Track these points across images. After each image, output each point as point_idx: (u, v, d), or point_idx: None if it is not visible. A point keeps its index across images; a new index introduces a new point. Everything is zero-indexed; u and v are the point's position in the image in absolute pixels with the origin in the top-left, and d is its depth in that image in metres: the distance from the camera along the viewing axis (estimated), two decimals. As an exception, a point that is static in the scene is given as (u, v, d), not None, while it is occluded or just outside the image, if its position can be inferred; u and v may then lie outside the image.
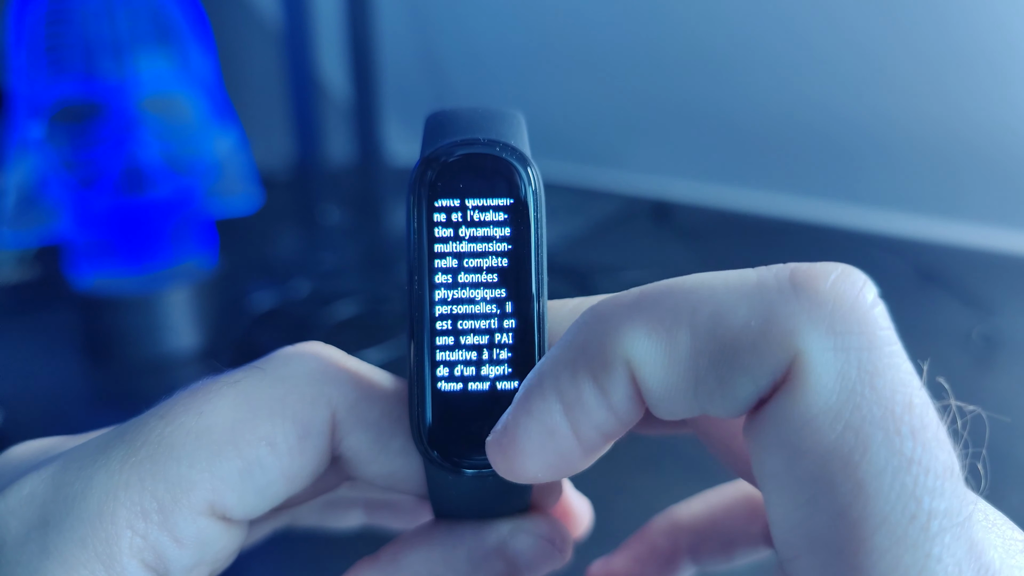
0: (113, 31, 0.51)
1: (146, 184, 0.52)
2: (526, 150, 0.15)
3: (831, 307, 0.12)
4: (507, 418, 0.14)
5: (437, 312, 0.15)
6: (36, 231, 0.51)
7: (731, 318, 0.12)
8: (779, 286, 0.12)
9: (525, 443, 0.13)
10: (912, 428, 0.11)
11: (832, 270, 0.12)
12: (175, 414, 0.15)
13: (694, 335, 0.12)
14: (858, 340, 0.12)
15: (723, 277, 0.13)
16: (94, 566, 0.13)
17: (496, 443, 0.14)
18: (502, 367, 0.15)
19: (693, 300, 0.13)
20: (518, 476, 0.14)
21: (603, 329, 0.13)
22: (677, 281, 0.13)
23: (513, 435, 0.13)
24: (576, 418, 0.13)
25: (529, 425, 0.13)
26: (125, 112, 0.51)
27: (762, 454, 0.12)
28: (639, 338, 0.13)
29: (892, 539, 0.11)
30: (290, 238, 0.82)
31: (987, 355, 0.52)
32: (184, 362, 0.53)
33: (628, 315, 0.13)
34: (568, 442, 0.13)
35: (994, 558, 0.12)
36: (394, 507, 0.22)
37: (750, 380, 0.12)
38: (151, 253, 0.54)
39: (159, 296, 0.53)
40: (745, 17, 0.76)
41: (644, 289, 0.13)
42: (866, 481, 0.11)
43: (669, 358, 0.13)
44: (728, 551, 0.20)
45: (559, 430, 0.13)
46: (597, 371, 0.13)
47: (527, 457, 0.13)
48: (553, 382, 0.13)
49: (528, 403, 0.13)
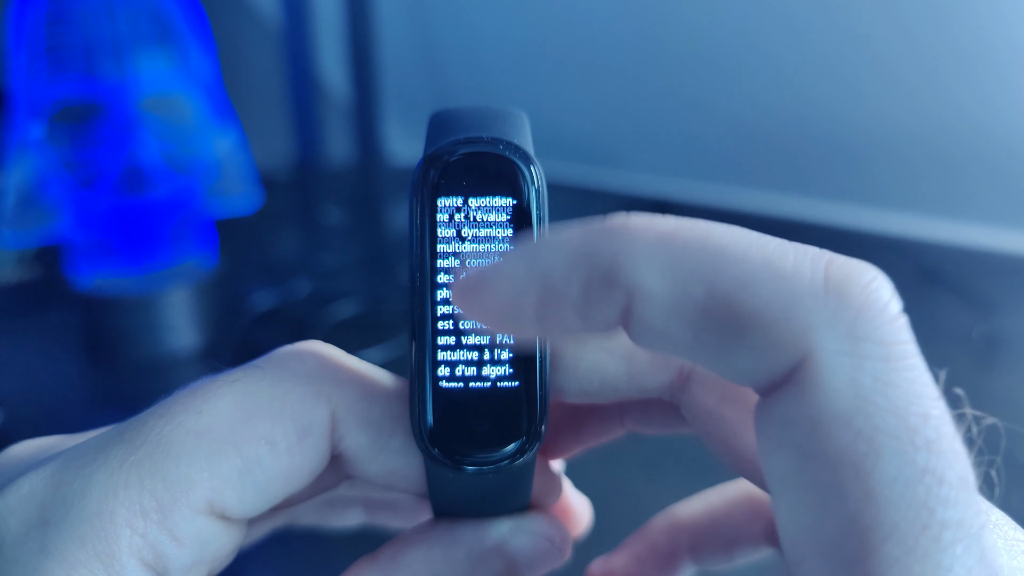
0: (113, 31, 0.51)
1: (146, 184, 0.52)
2: (529, 149, 0.15)
3: (856, 311, 0.12)
4: (487, 268, 0.14)
5: (439, 311, 0.15)
6: (36, 231, 0.51)
7: (754, 294, 0.12)
8: (812, 277, 0.12)
9: (489, 295, 0.13)
10: (927, 439, 0.11)
11: (868, 275, 0.12)
12: (174, 413, 0.15)
13: (710, 295, 0.12)
14: (876, 349, 0.12)
15: (761, 246, 0.12)
16: (93, 565, 0.13)
17: (466, 280, 0.14)
18: (503, 366, 0.15)
19: (724, 258, 0.12)
20: (467, 310, 0.14)
21: (622, 246, 0.12)
22: (715, 231, 0.12)
23: (482, 284, 0.13)
24: (546, 304, 0.13)
25: (500, 284, 0.13)
26: (125, 112, 0.51)
27: (772, 454, 0.12)
28: (654, 274, 0.12)
29: (903, 549, 0.11)
30: (290, 238, 0.82)
31: (988, 355, 0.52)
32: (184, 362, 0.53)
33: (653, 245, 0.12)
34: (527, 316, 0.13)
35: (1005, 567, 0.11)
36: (394, 506, 0.22)
37: (751, 358, 0.12)
38: (151, 253, 0.54)
39: (159, 296, 0.53)
40: (746, 17, 0.76)
41: (681, 225, 0.13)
42: (877, 490, 0.11)
43: (676, 305, 0.12)
44: (728, 550, 0.20)
45: (524, 304, 0.13)
46: (594, 280, 0.12)
47: (482, 307, 0.13)
48: (545, 264, 0.13)
49: (512, 266, 0.13)
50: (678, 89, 0.84)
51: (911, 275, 0.65)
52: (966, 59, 0.67)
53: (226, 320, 0.57)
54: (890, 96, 0.73)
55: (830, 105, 0.76)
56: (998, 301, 0.59)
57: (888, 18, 0.69)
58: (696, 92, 0.84)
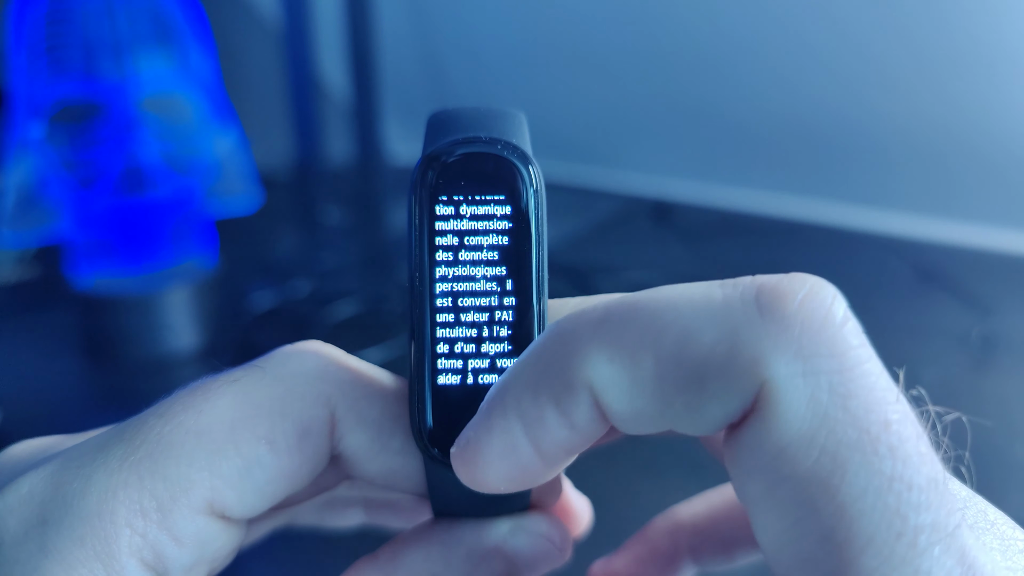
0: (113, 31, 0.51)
1: (146, 184, 0.52)
2: (528, 149, 0.15)
3: (798, 330, 0.12)
4: (469, 432, 0.14)
5: (438, 311, 0.15)
6: (36, 231, 0.51)
7: (697, 343, 0.12)
8: (744, 308, 0.12)
9: (487, 457, 0.13)
10: (890, 446, 0.11)
11: (799, 287, 0.12)
12: (174, 413, 0.15)
13: (658, 361, 0.12)
14: (828, 363, 0.11)
15: (688, 296, 0.12)
16: (93, 565, 0.13)
17: (460, 454, 0.14)
18: (503, 365, 0.15)
19: (658, 323, 0.12)
20: (481, 487, 0.14)
21: (566, 351, 0.13)
22: (643, 299, 0.13)
23: (476, 449, 0.13)
24: (537, 436, 0.13)
25: (491, 441, 0.13)
26: (125, 112, 0.51)
27: (742, 480, 0.12)
28: (602, 363, 0.12)
29: (880, 558, 0.11)
30: (290, 238, 0.82)
31: (986, 355, 0.52)
32: (184, 362, 0.53)
33: (591, 337, 0.13)
34: (530, 457, 0.13)
35: (986, 563, 0.11)
36: (393, 506, 0.22)
37: (718, 405, 0.12)
38: (151, 253, 0.54)
39: (159, 296, 0.53)
40: (744, 17, 0.76)
41: (609, 306, 0.13)
42: (847, 503, 0.11)
43: (633, 384, 0.12)
44: (729, 551, 0.20)
45: (520, 447, 0.13)
46: (559, 393, 0.13)
47: (489, 470, 0.13)
48: (514, 401, 0.13)
49: (489, 420, 0.13)
50: (678, 89, 0.84)
51: (909, 275, 0.65)
52: (965, 59, 0.67)
53: (226, 320, 0.57)
54: (889, 96, 0.73)
55: (830, 105, 0.76)
56: (997, 301, 0.59)
57: (887, 18, 0.69)
58: (696, 92, 0.84)
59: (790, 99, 0.78)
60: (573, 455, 0.14)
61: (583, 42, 0.87)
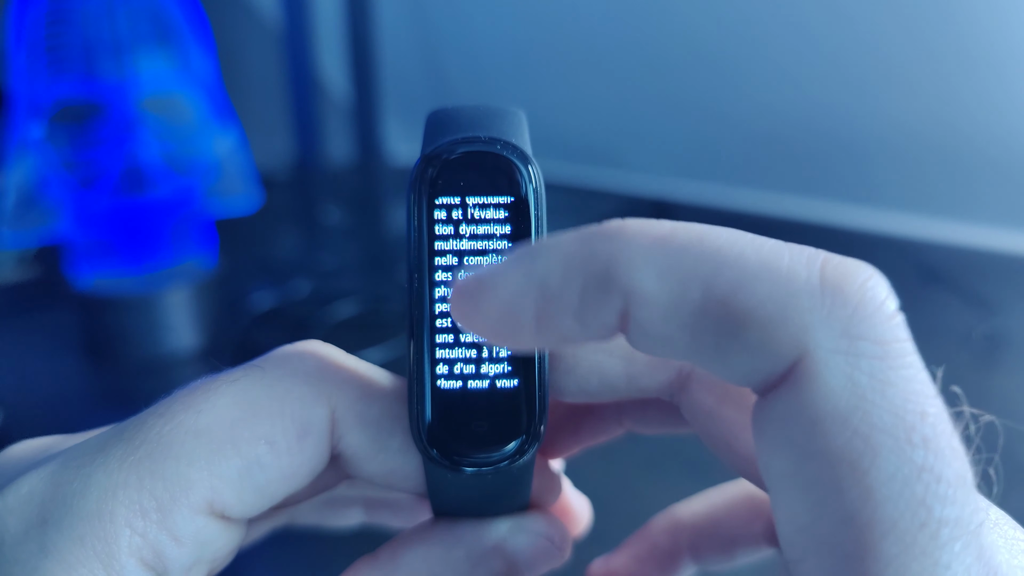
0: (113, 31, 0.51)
1: (146, 184, 0.52)
2: (527, 148, 0.15)
3: (852, 310, 0.12)
4: (485, 272, 0.13)
5: (437, 310, 0.15)
6: (36, 231, 0.51)
7: (750, 293, 0.12)
8: (808, 275, 0.12)
9: (488, 298, 0.13)
10: (924, 437, 0.11)
11: (864, 273, 0.12)
12: (174, 412, 0.14)
13: (707, 296, 0.12)
14: (872, 348, 0.12)
15: (756, 247, 0.12)
16: (93, 565, 0.13)
17: (463, 285, 0.13)
18: (501, 365, 0.15)
19: (720, 259, 0.12)
20: (465, 322, 0.13)
21: (618, 248, 0.12)
22: (713, 232, 0.12)
23: (480, 287, 0.13)
24: (545, 309, 0.13)
25: (499, 286, 0.13)
26: (125, 112, 0.51)
27: (769, 453, 0.12)
28: (650, 276, 0.12)
29: (901, 546, 0.11)
30: (290, 238, 0.82)
31: (989, 355, 0.52)
32: (184, 362, 0.53)
33: (650, 247, 0.12)
34: (526, 321, 0.13)
35: (1002, 562, 0.11)
36: (393, 506, 0.22)
37: (748, 358, 0.12)
38: (151, 253, 0.54)
39: (159, 296, 0.53)
40: (745, 16, 0.76)
41: (676, 228, 0.13)
42: (875, 488, 0.11)
43: (673, 307, 0.12)
44: (729, 550, 0.20)
45: (524, 307, 0.13)
46: (592, 285, 0.12)
47: (482, 309, 0.13)
48: (544, 267, 0.13)
49: (509, 269, 0.13)
50: (678, 89, 0.84)
51: (911, 275, 0.65)
52: (969, 58, 0.67)
53: (226, 320, 0.57)
54: (890, 96, 0.73)
55: (830, 105, 0.76)
56: (998, 301, 0.59)
57: (889, 18, 0.69)
58: (696, 92, 0.84)
59: (790, 99, 0.78)
60: (564, 346, 0.13)
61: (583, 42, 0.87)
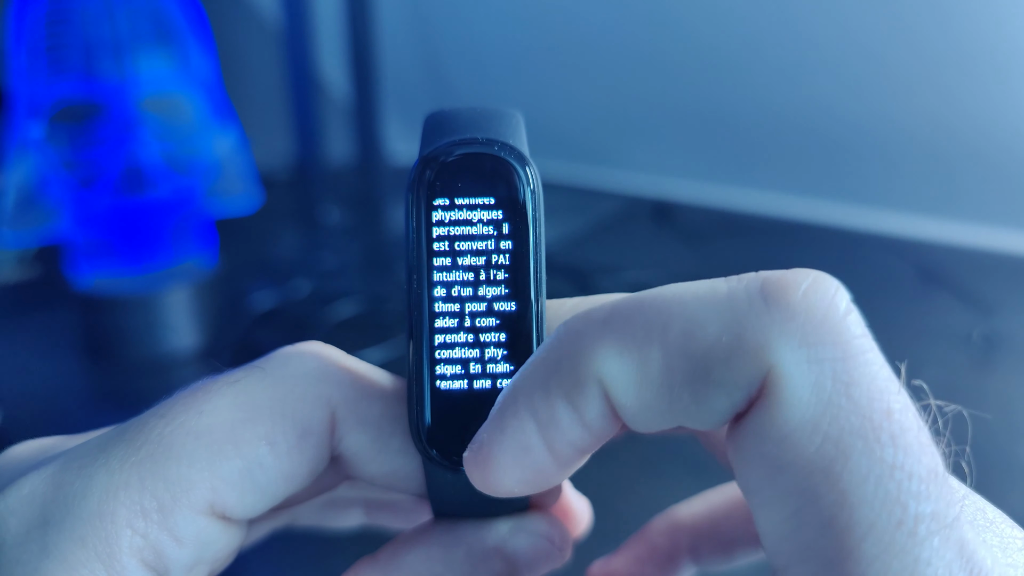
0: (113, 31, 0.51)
1: (146, 184, 0.52)
2: (524, 149, 0.15)
3: (803, 318, 0.12)
4: (482, 435, 0.14)
5: (437, 310, 0.15)
6: (36, 231, 0.51)
7: (702, 334, 0.12)
8: (749, 298, 0.12)
9: (500, 459, 0.13)
10: (892, 434, 0.11)
11: (803, 279, 0.12)
12: (175, 413, 0.15)
13: (666, 352, 0.12)
14: (831, 351, 0.12)
15: (694, 290, 0.13)
16: (94, 565, 0.13)
17: (473, 459, 0.14)
18: (501, 366, 0.15)
19: (664, 316, 0.13)
20: (495, 490, 0.14)
21: (575, 348, 0.13)
22: (649, 295, 0.13)
23: (488, 452, 0.13)
24: (550, 436, 0.13)
25: (503, 443, 0.13)
26: (125, 112, 0.51)
27: (744, 469, 0.12)
28: (611, 357, 0.13)
29: (880, 546, 0.11)
30: (290, 238, 0.82)
31: (987, 355, 0.52)
32: (184, 362, 0.53)
33: (600, 333, 0.13)
34: (543, 458, 0.13)
35: (985, 557, 0.11)
36: (393, 507, 0.22)
37: (724, 395, 0.12)
38: (151, 253, 0.54)
39: (159, 296, 0.53)
40: (745, 17, 0.76)
41: (616, 304, 0.13)
42: (849, 491, 0.11)
43: (641, 376, 0.12)
44: (729, 551, 0.20)
45: (534, 448, 0.13)
46: (570, 391, 0.13)
47: (503, 472, 0.13)
48: (527, 401, 0.13)
49: (502, 422, 0.13)
50: (678, 89, 0.84)
51: (910, 275, 0.65)
52: (968, 59, 0.67)
53: (226, 320, 0.57)
54: (890, 96, 0.73)
55: (831, 105, 0.76)
56: (998, 301, 0.59)
57: (888, 18, 0.69)
58: (696, 92, 0.84)
59: (791, 99, 0.78)
60: (585, 455, 0.14)
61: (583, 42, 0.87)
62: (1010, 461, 0.41)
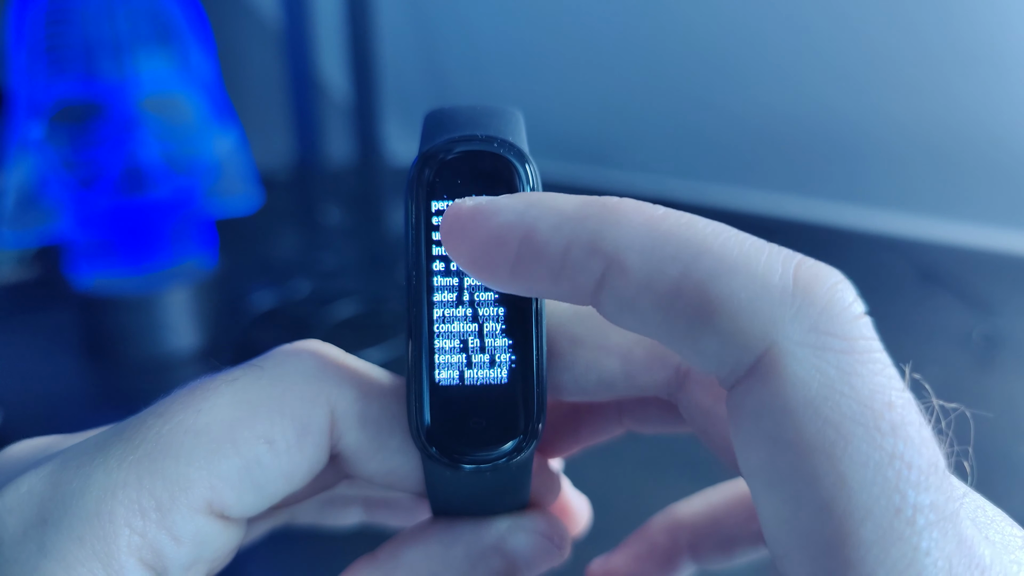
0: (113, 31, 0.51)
1: (146, 184, 0.52)
2: (524, 147, 0.15)
3: (821, 308, 0.12)
4: (483, 201, 0.14)
5: (435, 310, 0.15)
6: (36, 231, 0.51)
7: (725, 283, 0.12)
8: (782, 275, 0.12)
9: (474, 229, 0.13)
10: (892, 424, 0.12)
11: (833, 277, 0.13)
12: (173, 412, 0.15)
13: (683, 277, 0.12)
14: (839, 343, 0.12)
15: (738, 242, 0.13)
16: (92, 564, 0.13)
17: (458, 209, 0.14)
18: (500, 364, 0.15)
19: (702, 247, 0.13)
20: (448, 243, 0.14)
21: (610, 219, 0.13)
22: (699, 223, 0.13)
23: (471, 216, 0.14)
24: (524, 255, 0.13)
25: (487, 222, 0.13)
26: (125, 112, 0.51)
27: (746, 447, 0.13)
28: (634, 250, 0.13)
29: (878, 532, 0.11)
30: (290, 238, 0.82)
31: (988, 355, 0.52)
32: (184, 362, 0.53)
33: (640, 225, 0.13)
34: (503, 262, 0.13)
35: (985, 553, 0.12)
36: (393, 505, 0.22)
37: (717, 345, 0.12)
38: (151, 253, 0.54)
39: (159, 296, 0.53)
40: (746, 16, 0.76)
41: (668, 213, 0.13)
42: (848, 474, 0.11)
43: (649, 282, 0.13)
44: (728, 549, 0.20)
45: (505, 249, 0.13)
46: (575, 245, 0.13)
47: (466, 239, 0.14)
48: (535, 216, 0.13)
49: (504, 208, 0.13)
50: (678, 89, 0.84)
51: (910, 275, 0.65)
52: (968, 59, 0.67)
53: (226, 320, 0.57)
54: (890, 96, 0.73)
55: (830, 105, 0.76)
56: (998, 301, 0.59)
57: (889, 17, 0.69)
58: (696, 92, 0.84)
59: (791, 99, 0.78)
60: (531, 295, 0.14)
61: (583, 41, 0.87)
62: (1011, 461, 0.41)
